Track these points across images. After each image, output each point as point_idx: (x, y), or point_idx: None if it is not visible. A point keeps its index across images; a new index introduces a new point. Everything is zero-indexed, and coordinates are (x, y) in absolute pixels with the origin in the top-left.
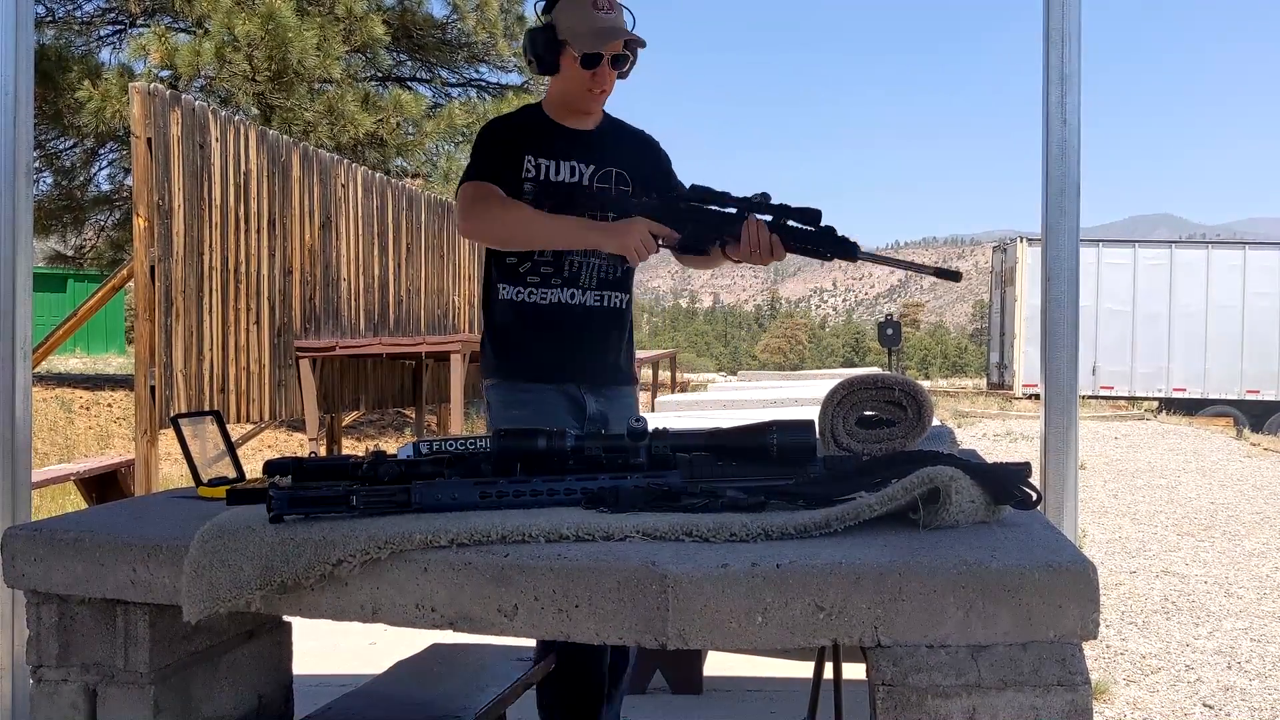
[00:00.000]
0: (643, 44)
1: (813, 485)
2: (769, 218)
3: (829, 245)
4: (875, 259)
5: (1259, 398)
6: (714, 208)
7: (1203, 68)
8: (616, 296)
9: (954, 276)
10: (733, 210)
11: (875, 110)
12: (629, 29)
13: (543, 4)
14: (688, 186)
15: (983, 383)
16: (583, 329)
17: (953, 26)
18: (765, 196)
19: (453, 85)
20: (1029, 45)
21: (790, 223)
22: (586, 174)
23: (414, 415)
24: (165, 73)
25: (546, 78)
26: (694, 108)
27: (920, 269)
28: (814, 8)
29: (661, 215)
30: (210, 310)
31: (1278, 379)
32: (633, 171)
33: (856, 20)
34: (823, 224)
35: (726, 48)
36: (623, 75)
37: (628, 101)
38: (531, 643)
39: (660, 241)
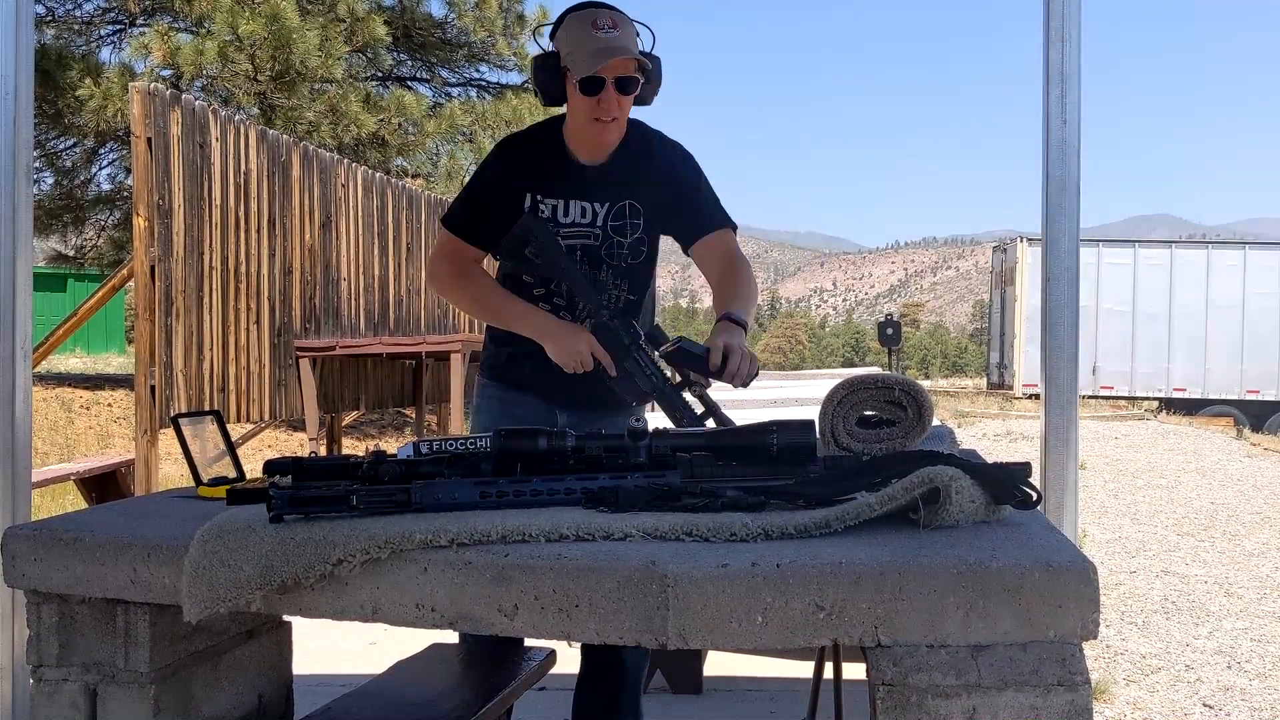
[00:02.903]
0: (651, 62)
1: (813, 485)
2: (699, 408)
3: None
4: None
5: (1259, 398)
6: (658, 365)
7: (1203, 67)
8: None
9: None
10: (676, 380)
11: (875, 109)
12: (639, 47)
13: (549, 30)
14: (653, 326)
15: (983, 383)
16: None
17: (953, 25)
18: (708, 384)
19: (453, 85)
20: (1029, 44)
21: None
22: (601, 213)
23: (414, 415)
24: (167, 72)
25: None
26: (688, 104)
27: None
28: (812, 4)
29: (614, 345)
30: (210, 310)
31: (1278, 379)
32: (648, 199)
33: (855, 17)
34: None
35: (723, 43)
36: (642, 100)
37: None
38: (533, 642)
39: (599, 366)
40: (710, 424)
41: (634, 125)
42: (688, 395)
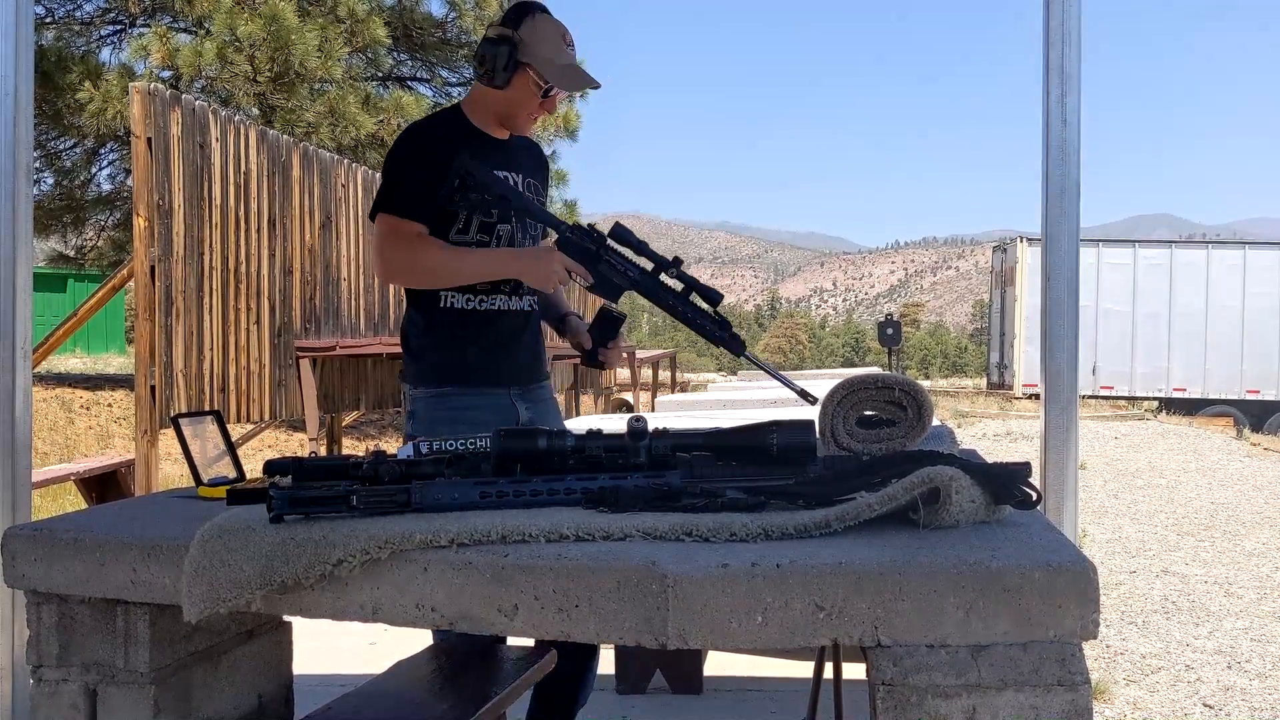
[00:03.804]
0: (599, 86)
1: (813, 485)
2: (677, 285)
3: (721, 332)
4: (756, 362)
5: (1259, 398)
6: (629, 258)
7: (1203, 67)
8: (536, 298)
9: (811, 400)
10: (648, 265)
11: (875, 109)
12: None
13: (506, 13)
14: (612, 225)
15: (983, 383)
16: (522, 332)
17: (953, 25)
18: (679, 262)
19: (453, 85)
20: (1029, 44)
21: (694, 297)
22: (520, 183)
23: None
24: (166, 73)
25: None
26: (689, 103)
27: (788, 384)
28: (811, 4)
29: (581, 254)
30: (210, 310)
31: (1278, 379)
32: (540, 182)
33: (855, 17)
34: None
35: (721, 42)
36: None
37: (625, 86)
38: (531, 641)
39: (574, 278)
40: (695, 298)
41: None
42: (665, 278)
